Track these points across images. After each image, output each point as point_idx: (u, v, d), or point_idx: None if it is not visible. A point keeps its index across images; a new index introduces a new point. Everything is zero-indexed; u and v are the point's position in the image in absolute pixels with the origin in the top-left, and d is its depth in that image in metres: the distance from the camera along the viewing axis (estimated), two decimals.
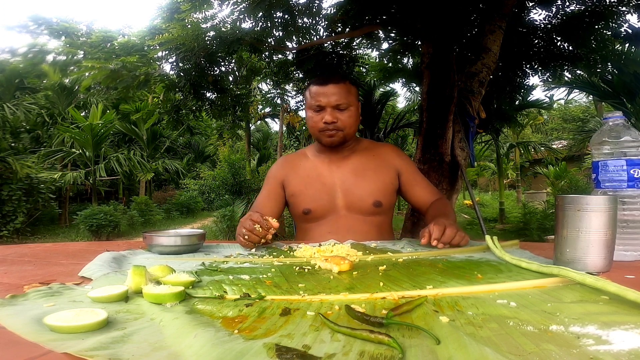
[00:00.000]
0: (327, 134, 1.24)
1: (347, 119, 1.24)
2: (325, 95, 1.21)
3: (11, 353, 0.39)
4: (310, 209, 1.27)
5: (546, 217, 6.38)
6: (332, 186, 1.28)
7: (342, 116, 1.23)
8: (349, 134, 1.27)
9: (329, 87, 1.21)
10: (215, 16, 3.00)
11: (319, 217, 1.28)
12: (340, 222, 1.26)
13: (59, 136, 9.53)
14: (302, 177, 1.31)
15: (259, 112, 9.61)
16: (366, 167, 1.30)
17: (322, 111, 1.23)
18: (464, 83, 2.84)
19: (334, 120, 1.22)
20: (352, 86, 1.26)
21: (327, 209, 1.27)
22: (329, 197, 1.27)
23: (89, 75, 3.29)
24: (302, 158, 1.37)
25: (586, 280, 0.56)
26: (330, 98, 1.21)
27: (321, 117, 1.23)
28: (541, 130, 15.98)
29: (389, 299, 0.55)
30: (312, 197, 1.28)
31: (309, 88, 1.27)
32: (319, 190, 1.28)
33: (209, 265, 0.80)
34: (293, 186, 1.31)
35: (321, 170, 1.31)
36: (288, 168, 1.35)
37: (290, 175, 1.33)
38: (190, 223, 10.25)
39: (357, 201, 1.26)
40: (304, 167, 1.33)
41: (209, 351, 0.38)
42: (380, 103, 6.71)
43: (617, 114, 0.84)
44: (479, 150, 11.11)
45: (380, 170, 1.30)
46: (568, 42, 3.39)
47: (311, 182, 1.29)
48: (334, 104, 1.21)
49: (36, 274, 0.75)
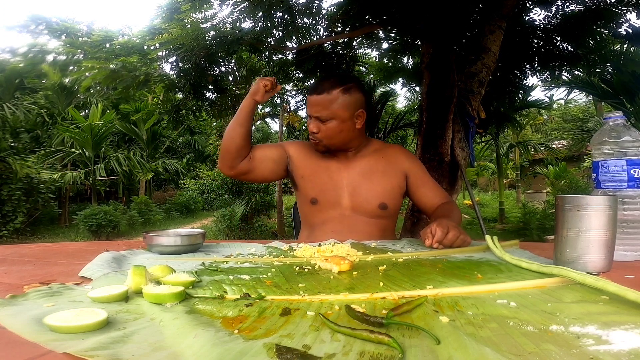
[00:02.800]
0: (313, 142, 1.25)
1: (326, 131, 1.21)
2: (309, 104, 1.22)
3: (11, 353, 0.39)
4: (317, 199, 1.27)
5: (546, 217, 6.38)
6: (339, 183, 1.27)
7: (324, 127, 1.21)
8: (332, 144, 1.24)
9: (312, 97, 1.20)
10: (215, 16, 3.00)
11: (323, 212, 1.27)
12: (345, 221, 1.25)
13: (59, 136, 9.53)
14: (312, 163, 1.30)
15: (259, 112, 9.60)
16: (374, 169, 1.28)
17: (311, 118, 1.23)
18: (463, 83, 2.84)
19: (314, 131, 1.22)
20: (345, 94, 1.18)
21: (332, 203, 1.26)
22: (335, 192, 1.27)
23: (89, 75, 3.29)
24: (311, 147, 1.33)
25: (586, 280, 0.56)
26: (312, 109, 1.21)
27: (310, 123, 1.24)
28: (541, 130, 15.95)
29: (389, 299, 0.55)
30: (320, 187, 1.27)
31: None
32: (326, 182, 1.27)
33: (209, 265, 0.80)
34: (303, 169, 1.30)
35: (329, 163, 1.30)
36: (298, 149, 1.34)
37: (301, 156, 1.31)
38: (190, 223, 10.24)
39: (362, 202, 1.25)
40: (313, 154, 1.31)
41: (209, 351, 0.38)
42: (380, 103, 6.71)
43: (617, 114, 0.84)
44: (479, 150, 11.11)
45: (387, 172, 1.28)
46: (567, 42, 3.39)
47: (320, 170, 1.29)
48: (314, 115, 1.21)
49: (36, 274, 0.75)
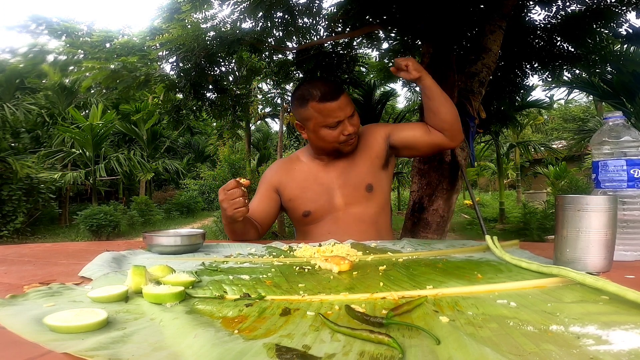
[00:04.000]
0: (349, 144, 1.26)
1: (357, 124, 1.26)
2: (340, 109, 1.20)
3: (11, 353, 0.39)
4: (309, 211, 1.29)
5: (546, 217, 6.38)
6: (329, 184, 1.30)
7: (355, 122, 1.25)
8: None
9: (335, 102, 1.19)
10: (215, 16, 3.00)
11: (318, 218, 1.29)
12: (339, 221, 1.27)
13: (59, 136, 9.54)
14: (299, 182, 1.32)
15: (259, 112, 9.60)
16: (355, 155, 1.31)
17: (340, 124, 1.22)
18: (464, 83, 2.84)
19: (356, 130, 1.24)
20: (346, 91, 1.28)
21: (326, 208, 1.29)
22: (327, 196, 1.29)
23: (90, 76, 3.29)
24: (296, 162, 1.37)
25: (586, 280, 0.56)
26: (346, 110, 1.21)
27: (340, 130, 1.22)
28: (541, 130, 15.97)
29: (389, 299, 0.55)
30: (311, 199, 1.29)
31: (313, 105, 1.20)
32: (317, 192, 1.29)
33: (209, 265, 0.80)
34: (290, 191, 1.31)
35: (317, 173, 1.32)
36: (283, 173, 1.35)
37: (286, 180, 1.33)
38: (190, 223, 10.25)
39: (352, 192, 1.28)
40: (300, 171, 1.33)
41: (209, 351, 0.38)
42: (380, 103, 6.70)
43: (617, 114, 0.84)
44: (479, 150, 11.12)
45: (366, 151, 1.31)
46: (568, 42, 3.39)
47: (309, 185, 1.30)
48: (350, 114, 1.22)
49: (36, 274, 0.75)
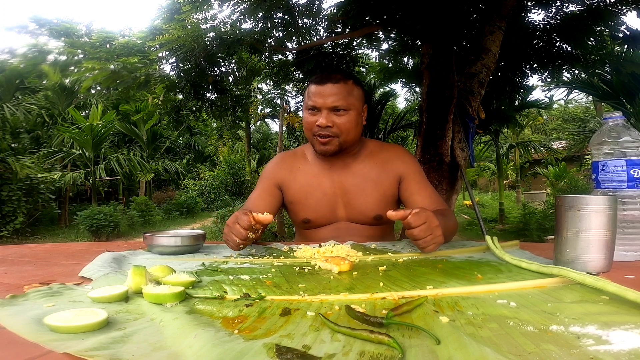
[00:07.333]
0: (320, 140, 1.11)
1: (344, 124, 1.09)
2: (321, 95, 1.08)
3: (11, 353, 0.39)
4: (310, 219, 1.21)
5: (546, 218, 6.38)
6: (333, 196, 1.20)
7: (339, 120, 1.09)
8: (346, 141, 1.13)
9: (326, 86, 1.08)
10: (215, 17, 3.00)
11: (318, 226, 1.23)
12: (341, 230, 1.21)
13: (59, 136, 9.53)
14: (302, 185, 1.21)
15: (259, 112, 9.61)
16: (367, 177, 1.19)
17: (318, 113, 1.10)
18: (463, 84, 2.85)
19: (329, 124, 1.08)
20: (356, 87, 1.13)
21: (327, 218, 1.21)
22: (329, 207, 1.20)
23: (90, 76, 3.29)
24: (301, 160, 1.25)
25: (586, 280, 0.56)
26: (327, 99, 1.08)
27: (315, 119, 1.10)
28: (541, 130, 15.98)
29: (389, 299, 0.55)
30: (313, 208, 1.20)
31: (309, 87, 1.15)
32: (320, 201, 1.20)
33: (209, 266, 0.80)
34: (292, 193, 1.22)
35: (322, 179, 1.21)
36: (286, 170, 1.24)
37: (289, 179, 1.22)
38: (190, 223, 10.24)
39: (357, 214, 1.20)
40: (304, 172, 1.22)
41: (209, 351, 0.38)
42: (380, 103, 6.72)
43: (617, 114, 0.84)
44: (479, 150, 11.11)
45: (381, 181, 1.19)
46: (567, 43, 3.39)
47: (311, 191, 1.20)
48: (330, 106, 1.08)
49: (36, 274, 0.75)
